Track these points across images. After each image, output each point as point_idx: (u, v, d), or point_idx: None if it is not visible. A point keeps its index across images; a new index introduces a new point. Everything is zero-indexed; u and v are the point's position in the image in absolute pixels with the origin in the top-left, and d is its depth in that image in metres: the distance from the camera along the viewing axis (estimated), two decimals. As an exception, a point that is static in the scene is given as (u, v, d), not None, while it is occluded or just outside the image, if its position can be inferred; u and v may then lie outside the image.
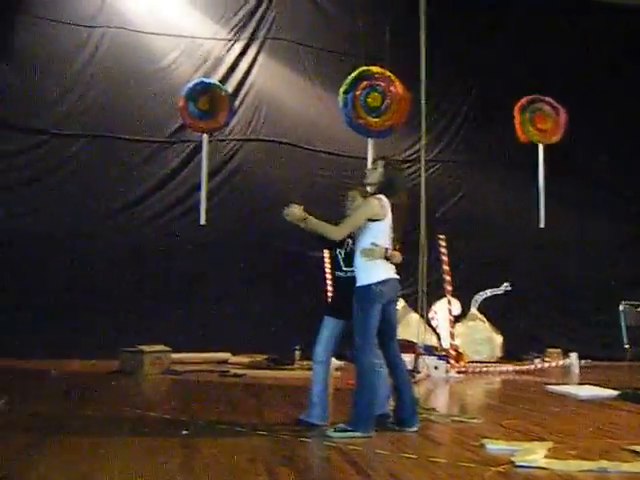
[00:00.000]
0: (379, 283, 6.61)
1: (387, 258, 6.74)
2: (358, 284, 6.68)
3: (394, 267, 6.83)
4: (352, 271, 6.88)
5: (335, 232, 6.85)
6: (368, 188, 7.05)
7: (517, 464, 5.45)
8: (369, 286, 6.60)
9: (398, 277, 6.85)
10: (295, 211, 6.96)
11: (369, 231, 6.73)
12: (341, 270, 7.16)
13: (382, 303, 6.64)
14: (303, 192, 13.96)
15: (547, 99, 13.26)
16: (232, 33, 14.24)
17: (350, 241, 7.05)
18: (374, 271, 6.65)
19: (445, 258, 12.27)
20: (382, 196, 6.74)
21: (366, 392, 6.67)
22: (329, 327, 7.26)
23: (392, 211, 6.78)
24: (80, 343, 12.01)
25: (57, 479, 4.98)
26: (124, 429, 6.53)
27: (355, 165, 13.68)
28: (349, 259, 7.00)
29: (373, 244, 6.67)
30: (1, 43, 12.95)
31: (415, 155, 14.61)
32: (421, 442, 6.48)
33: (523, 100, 13.18)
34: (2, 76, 12.94)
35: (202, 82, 12.58)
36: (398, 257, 6.98)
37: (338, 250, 7.16)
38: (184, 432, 6.43)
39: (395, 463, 5.53)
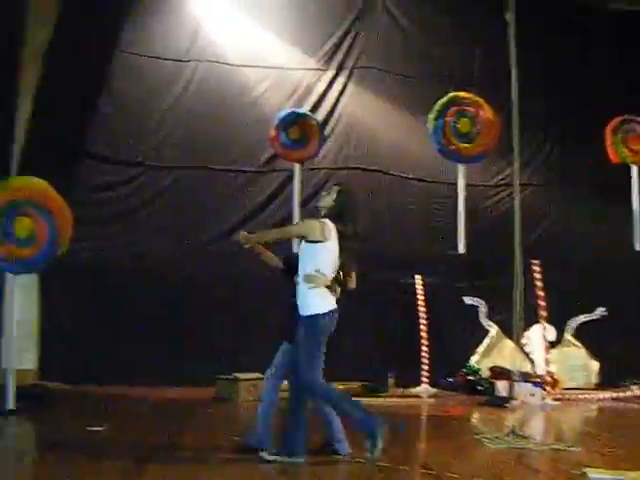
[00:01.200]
0: (326, 314, 6.51)
1: (329, 287, 6.60)
2: (304, 313, 6.51)
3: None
4: None
5: (267, 234, 7.25)
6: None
7: (620, 493, 5.38)
8: (317, 316, 6.48)
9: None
10: (243, 236, 6.84)
11: (312, 256, 6.55)
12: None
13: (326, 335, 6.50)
14: (394, 219, 14.06)
15: (639, 119, 13.05)
16: (321, 63, 14.38)
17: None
18: (322, 300, 6.54)
19: (539, 283, 12.13)
20: (327, 221, 6.63)
21: (351, 409, 6.58)
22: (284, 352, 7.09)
23: (340, 239, 6.66)
24: (177, 371, 12.26)
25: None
26: (222, 456, 6.62)
27: (446, 192, 13.70)
28: None
29: (317, 271, 6.50)
30: (98, 79, 13.28)
31: (505, 180, 14.56)
32: (520, 470, 6.44)
33: (615, 121, 13.00)
34: (99, 111, 13.27)
35: (293, 112, 12.73)
36: (352, 283, 7.11)
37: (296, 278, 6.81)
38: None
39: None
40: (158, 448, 6.88)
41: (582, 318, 13.89)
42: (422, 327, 13.33)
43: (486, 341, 13.81)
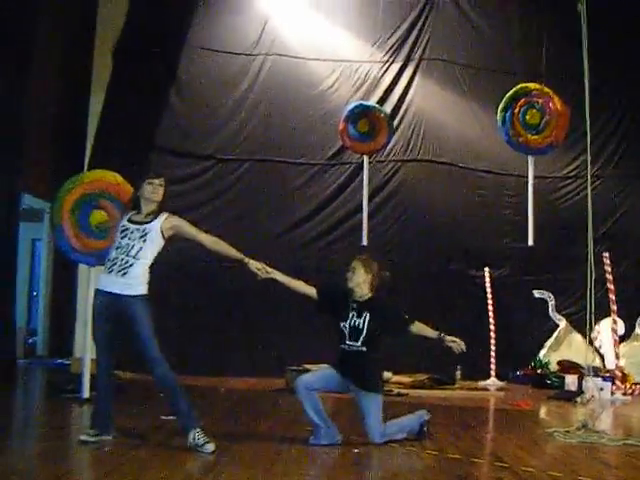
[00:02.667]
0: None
1: None
2: (138, 293, 6.63)
3: None
4: (356, 345, 6.86)
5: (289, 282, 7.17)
6: None
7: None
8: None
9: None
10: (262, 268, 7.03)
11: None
12: (344, 343, 6.96)
13: None
14: (462, 211, 14.00)
15: None
16: (388, 55, 14.36)
17: (353, 314, 6.95)
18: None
19: (610, 276, 11.99)
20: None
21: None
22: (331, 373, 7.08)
23: None
24: (248, 361, 12.42)
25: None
26: (296, 446, 6.67)
27: (515, 184, 13.62)
28: (355, 333, 6.92)
29: None
30: (169, 74, 13.47)
31: (575, 172, 14.41)
32: (594, 465, 6.39)
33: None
34: (170, 105, 13.45)
35: (361, 105, 12.78)
36: None
37: (342, 324, 6.94)
38: (355, 450, 6.54)
39: (571, 486, 5.48)
40: (232, 437, 6.95)
41: (653, 312, 13.71)
42: (491, 320, 13.29)
43: (555, 335, 13.73)
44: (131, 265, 6.59)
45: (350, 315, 6.95)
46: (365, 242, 12.36)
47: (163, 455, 6.19)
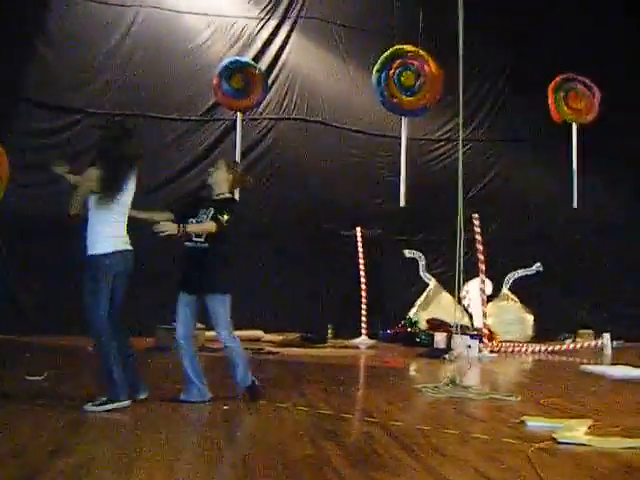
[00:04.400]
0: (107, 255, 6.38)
1: None
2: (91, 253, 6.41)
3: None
4: (202, 242, 6.69)
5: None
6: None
7: (559, 440, 5.46)
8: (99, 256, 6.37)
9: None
10: (168, 225, 6.55)
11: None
12: (191, 240, 6.77)
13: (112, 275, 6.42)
14: (335, 170, 14.02)
15: (581, 78, 13.19)
16: (265, 12, 14.22)
17: (204, 210, 6.78)
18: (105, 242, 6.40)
19: (479, 237, 12.24)
20: None
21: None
22: (183, 304, 6.95)
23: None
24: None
25: (100, 455, 5.07)
26: (164, 405, 6.55)
27: (388, 144, 13.70)
28: None
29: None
30: (36, 22, 12.96)
31: (447, 135, 14.61)
32: (461, 419, 6.51)
33: (557, 79, 13.13)
34: (39, 56, 12.94)
35: (236, 60, 12.63)
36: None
37: (190, 220, 6.73)
38: (225, 407, 6.47)
39: (437, 439, 5.55)
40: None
41: (519, 273, 14.09)
42: (362, 279, 13.40)
43: (425, 294, 13.96)
44: None
45: (200, 212, 6.77)
46: (237, 198, 12.21)
47: (27, 418, 5.97)
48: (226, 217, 6.67)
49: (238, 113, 12.59)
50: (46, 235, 12.48)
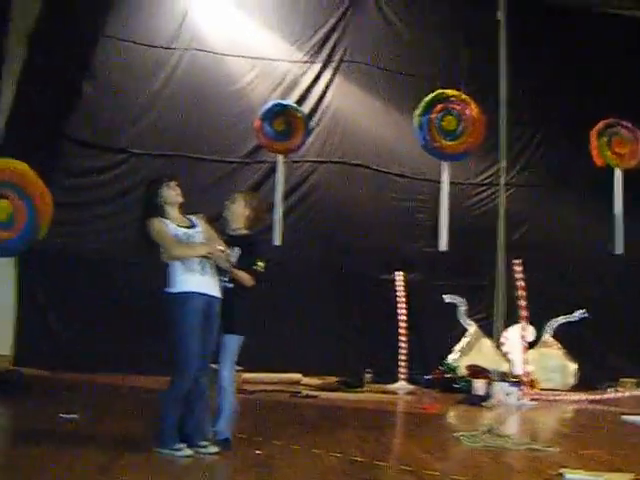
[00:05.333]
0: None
1: None
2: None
3: None
4: (227, 281, 6.52)
5: None
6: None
7: (598, 494, 5.35)
8: None
9: None
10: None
11: None
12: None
13: None
14: (376, 214, 14.01)
15: (625, 123, 13.08)
16: (308, 55, 14.33)
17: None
18: None
19: (520, 283, 12.11)
20: None
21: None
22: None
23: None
24: (154, 358, 12.17)
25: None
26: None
27: (429, 188, 13.67)
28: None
29: None
30: (83, 64, 13.17)
31: (489, 179, 14.56)
32: (498, 469, 6.39)
33: (600, 124, 13.02)
34: (83, 95, 13.15)
35: (279, 104, 12.70)
36: None
37: None
38: (257, 452, 6.42)
39: (474, 490, 5.45)
40: (132, 439, 6.75)
41: (561, 319, 13.89)
42: (401, 324, 13.32)
43: (464, 339, 13.80)
44: None
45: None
46: (278, 242, 12.26)
47: (59, 454, 5.96)
48: (261, 264, 6.59)
49: (279, 156, 12.65)
50: (86, 272, 12.63)
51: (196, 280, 6.22)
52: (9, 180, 9.17)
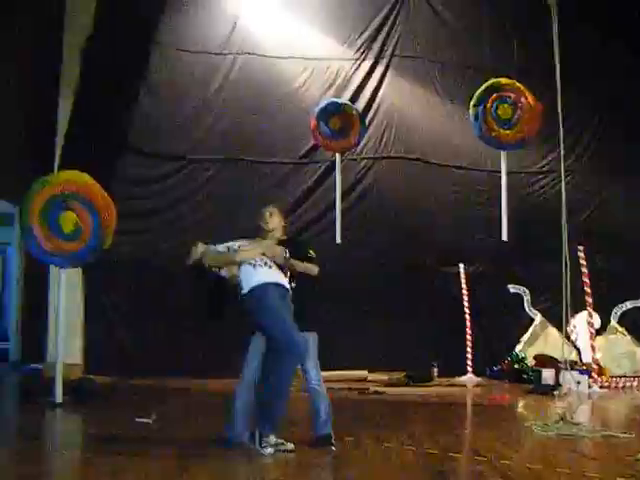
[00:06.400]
0: None
1: None
2: None
3: None
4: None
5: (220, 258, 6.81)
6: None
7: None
8: None
9: None
10: (277, 248, 6.70)
11: None
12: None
13: None
14: (436, 208, 13.97)
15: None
16: (359, 53, 14.31)
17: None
18: None
19: (585, 270, 12.00)
20: None
21: None
22: None
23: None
24: (224, 362, 12.29)
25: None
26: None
27: (488, 179, 13.59)
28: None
29: None
30: (137, 73, 13.34)
31: (548, 166, 14.43)
32: (573, 457, 6.37)
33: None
34: (141, 106, 13.33)
35: (333, 102, 12.70)
36: None
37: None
38: (332, 448, 6.46)
39: (550, 478, 5.44)
40: (208, 439, 6.83)
41: (628, 305, 13.72)
42: (466, 316, 13.29)
43: (531, 329, 13.73)
44: None
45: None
46: (339, 240, 12.28)
47: (139, 456, 6.08)
48: (313, 252, 6.88)
49: (337, 154, 12.68)
50: (150, 280, 12.81)
51: (265, 272, 6.50)
52: (75, 192, 9.33)
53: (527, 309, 13.78)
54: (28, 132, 13.20)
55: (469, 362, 13.19)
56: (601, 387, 11.73)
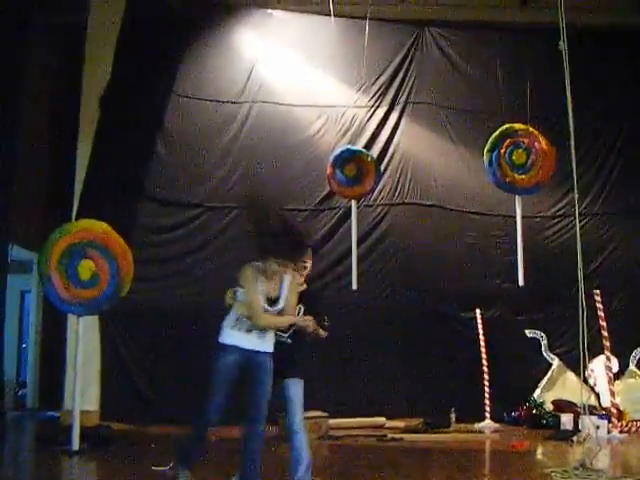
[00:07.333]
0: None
1: None
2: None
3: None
4: (286, 337, 6.69)
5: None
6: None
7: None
8: None
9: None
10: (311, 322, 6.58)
11: None
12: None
13: None
14: (451, 252, 13.98)
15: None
16: (373, 99, 14.41)
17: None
18: None
19: (601, 313, 11.96)
20: None
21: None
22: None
23: None
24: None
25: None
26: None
27: (503, 224, 13.62)
28: None
29: None
30: (155, 122, 13.50)
31: (563, 210, 14.43)
32: (594, 504, 6.32)
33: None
34: (157, 153, 13.47)
35: (348, 149, 12.79)
36: None
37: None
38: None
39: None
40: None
41: (645, 349, 13.65)
42: (483, 361, 13.23)
43: (548, 374, 13.64)
44: None
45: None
46: (355, 286, 12.30)
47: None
48: (327, 322, 6.81)
49: (352, 201, 12.74)
50: (165, 326, 12.85)
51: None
52: (91, 240, 9.44)
53: (545, 354, 13.70)
54: (48, 180, 13.37)
55: (487, 408, 13.10)
56: (621, 432, 11.61)
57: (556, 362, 13.67)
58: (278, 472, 7.36)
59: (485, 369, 13.22)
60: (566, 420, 12.02)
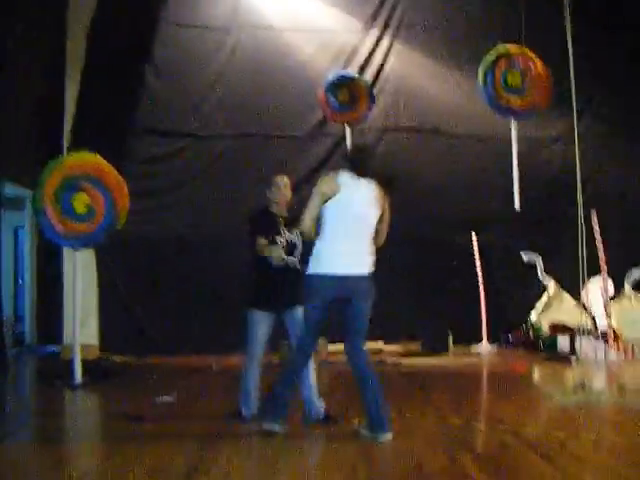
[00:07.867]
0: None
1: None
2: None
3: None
4: (293, 260, 6.77)
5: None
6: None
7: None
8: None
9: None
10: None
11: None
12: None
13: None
14: (446, 177, 13.89)
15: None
16: (365, 24, 14.20)
17: (283, 228, 6.78)
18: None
19: (598, 235, 11.96)
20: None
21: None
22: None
23: None
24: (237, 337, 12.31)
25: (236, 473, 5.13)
26: (295, 421, 6.53)
27: (499, 147, 13.51)
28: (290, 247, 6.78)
29: None
30: (143, 51, 13.28)
31: (559, 134, 14.31)
32: (595, 424, 6.38)
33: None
34: (147, 84, 13.29)
35: (341, 74, 12.64)
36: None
37: (278, 238, 6.78)
38: (355, 423, 6.44)
39: (574, 445, 5.42)
40: (222, 421, 6.79)
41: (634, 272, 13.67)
42: (480, 285, 13.27)
43: (545, 296, 13.69)
44: None
45: (281, 229, 6.78)
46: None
47: (161, 438, 6.09)
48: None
49: (347, 126, 12.63)
50: (163, 258, 12.84)
51: None
52: (85, 173, 9.33)
53: (540, 276, 13.73)
54: (36, 115, 13.18)
55: (484, 331, 13.18)
56: (617, 353, 11.71)
57: (552, 285, 13.70)
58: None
59: (481, 292, 13.27)
60: (563, 342, 12.09)
